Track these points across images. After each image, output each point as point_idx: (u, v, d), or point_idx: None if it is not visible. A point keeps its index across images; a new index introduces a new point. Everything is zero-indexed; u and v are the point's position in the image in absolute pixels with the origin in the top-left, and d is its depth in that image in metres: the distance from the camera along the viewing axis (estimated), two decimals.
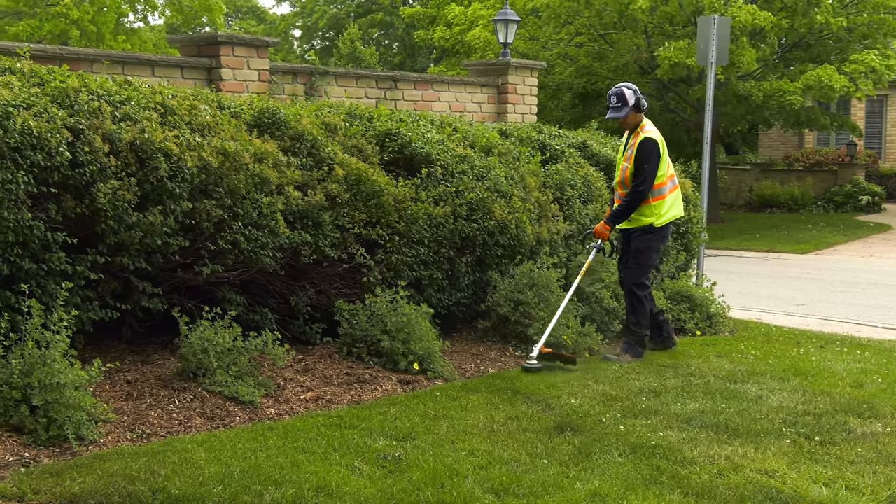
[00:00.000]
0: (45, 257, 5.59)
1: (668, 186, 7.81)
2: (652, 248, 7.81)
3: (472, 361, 7.38)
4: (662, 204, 7.76)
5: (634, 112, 7.69)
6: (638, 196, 7.65)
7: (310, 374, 6.53)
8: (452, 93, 12.72)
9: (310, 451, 4.89)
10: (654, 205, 7.73)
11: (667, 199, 7.79)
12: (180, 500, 4.17)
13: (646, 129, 7.72)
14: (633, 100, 7.63)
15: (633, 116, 7.71)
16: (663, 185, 7.75)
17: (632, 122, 7.76)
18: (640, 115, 7.74)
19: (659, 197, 7.74)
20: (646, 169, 7.59)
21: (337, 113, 8.09)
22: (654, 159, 7.61)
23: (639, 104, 7.64)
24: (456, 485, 4.50)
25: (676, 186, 7.94)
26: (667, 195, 7.79)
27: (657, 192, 7.71)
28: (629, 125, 7.81)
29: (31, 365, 4.96)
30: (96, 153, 5.66)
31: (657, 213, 7.73)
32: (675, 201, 7.90)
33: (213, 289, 6.66)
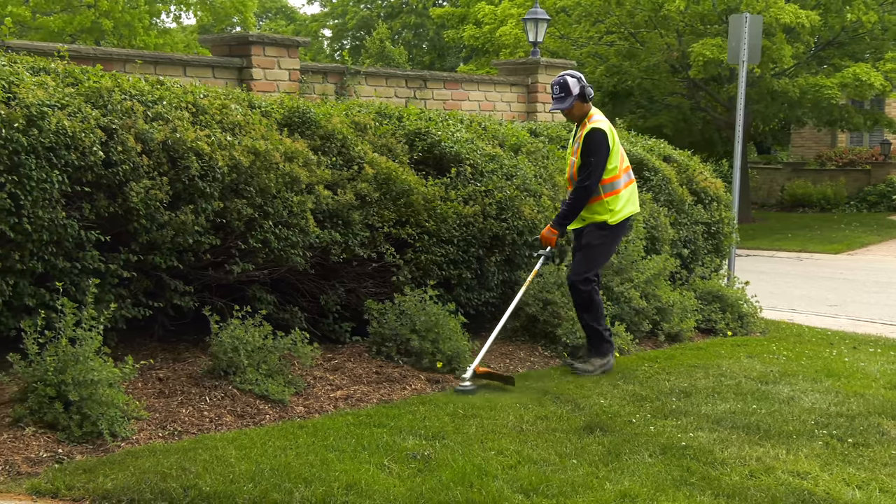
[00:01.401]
0: (79, 256, 5.65)
1: (623, 180, 7.18)
2: (604, 245, 7.19)
3: (501, 361, 7.37)
4: (617, 199, 7.11)
5: (580, 102, 7.09)
6: (584, 192, 7.00)
7: (339, 372, 6.56)
8: (482, 92, 12.71)
9: (339, 450, 4.91)
10: (607, 201, 7.08)
11: (621, 194, 7.14)
12: (211, 498, 4.20)
13: (593, 119, 7.08)
14: (578, 89, 7.04)
15: (578, 107, 7.10)
16: (615, 178, 7.11)
17: (577, 113, 7.15)
18: (587, 105, 7.13)
19: (612, 192, 7.08)
20: (591, 162, 6.94)
21: (367, 112, 8.11)
22: (603, 151, 6.96)
23: (584, 93, 7.05)
24: (485, 484, 4.50)
25: (632, 180, 7.32)
26: (621, 190, 7.14)
27: (610, 186, 7.07)
28: (575, 116, 7.19)
29: (64, 362, 5.01)
30: (129, 153, 5.72)
31: (611, 209, 7.10)
32: (630, 196, 7.25)
33: (244, 287, 6.70)
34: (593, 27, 23.57)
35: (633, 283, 8.61)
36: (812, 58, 23.22)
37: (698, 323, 9.26)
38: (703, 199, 10.55)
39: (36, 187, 5.31)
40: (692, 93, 24.32)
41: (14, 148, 5.21)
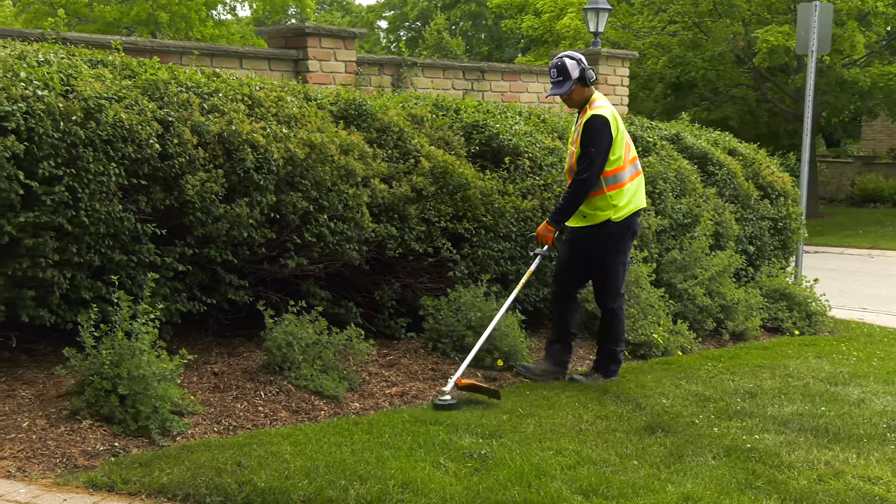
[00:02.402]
0: (135, 249, 5.74)
1: (628, 172, 6.60)
2: (617, 253, 6.63)
3: None
4: (621, 194, 6.53)
5: (580, 86, 6.54)
6: (582, 185, 6.44)
7: (394, 368, 6.58)
8: (541, 83, 12.64)
9: (395, 447, 4.93)
10: (611, 195, 6.50)
11: (626, 187, 6.56)
12: (266, 494, 4.24)
13: (595, 104, 6.53)
14: (577, 72, 6.50)
15: (578, 91, 6.56)
16: (620, 170, 6.53)
17: (578, 99, 6.60)
18: (589, 90, 6.59)
19: (616, 185, 6.52)
20: (591, 152, 6.39)
21: (423, 104, 8.12)
22: (604, 140, 6.40)
23: (584, 77, 6.51)
24: (543, 484, 4.49)
25: (639, 173, 6.75)
26: (626, 183, 6.56)
27: (613, 179, 6.50)
28: (575, 102, 6.63)
29: (120, 356, 5.10)
30: (185, 145, 5.79)
31: (614, 204, 6.52)
32: (637, 190, 6.68)
33: (298, 282, 6.75)
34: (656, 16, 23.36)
35: (696, 279, 8.53)
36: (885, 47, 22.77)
37: (764, 322, 9.15)
38: (769, 194, 10.41)
39: (93, 180, 5.40)
40: (758, 84, 24.00)
41: (72, 141, 5.30)
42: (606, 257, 6.61)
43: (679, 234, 9.06)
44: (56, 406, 5.18)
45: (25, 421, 4.98)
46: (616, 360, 6.81)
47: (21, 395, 5.31)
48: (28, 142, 5.14)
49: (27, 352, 5.98)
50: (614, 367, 6.81)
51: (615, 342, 6.79)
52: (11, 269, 5.28)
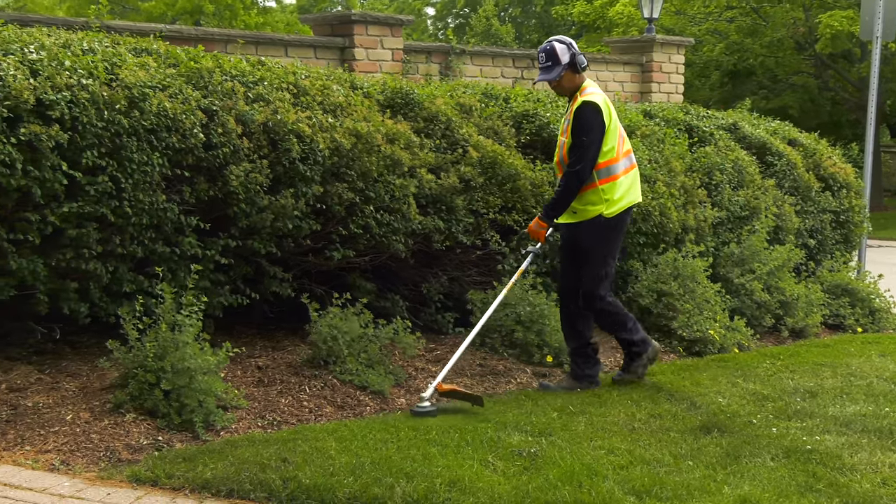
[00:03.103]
0: (178, 240, 5.79)
1: (622, 164, 6.31)
2: (604, 247, 6.32)
3: (612, 355, 7.30)
4: (614, 187, 6.24)
5: (570, 72, 6.23)
6: (574, 178, 6.15)
7: (441, 364, 6.57)
8: (593, 71, 12.56)
9: (442, 444, 4.92)
10: (604, 188, 6.21)
11: (619, 181, 6.27)
12: (311, 490, 4.25)
13: (586, 91, 6.23)
14: (568, 57, 6.20)
15: (568, 78, 6.25)
16: (613, 162, 6.23)
17: (568, 86, 6.29)
18: (580, 77, 6.27)
19: (608, 178, 6.21)
20: (583, 142, 6.10)
21: (472, 93, 8.11)
22: (597, 130, 6.11)
23: (575, 62, 6.20)
24: (595, 484, 4.46)
25: (633, 166, 6.44)
26: (619, 176, 6.27)
27: (606, 171, 6.20)
28: (565, 89, 6.32)
29: (164, 348, 5.14)
30: (229, 135, 5.82)
31: (607, 198, 6.22)
32: (631, 184, 6.39)
33: (344, 274, 6.77)
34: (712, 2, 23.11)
35: (754, 274, 8.44)
36: None
37: (825, 318, 9.04)
38: (831, 186, 10.27)
39: (137, 170, 5.46)
40: (820, 72, 23.67)
41: (116, 130, 5.36)
42: (591, 252, 6.30)
43: (736, 227, 8.98)
44: (100, 399, 5.24)
45: (69, 414, 5.05)
46: (634, 342, 6.47)
47: (65, 388, 5.38)
48: (72, 131, 5.20)
49: (71, 344, 6.06)
50: (637, 348, 6.47)
51: (623, 328, 6.47)
52: (55, 259, 5.35)
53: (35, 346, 5.90)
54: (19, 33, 5.67)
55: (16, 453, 4.59)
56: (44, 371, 5.62)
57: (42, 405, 5.12)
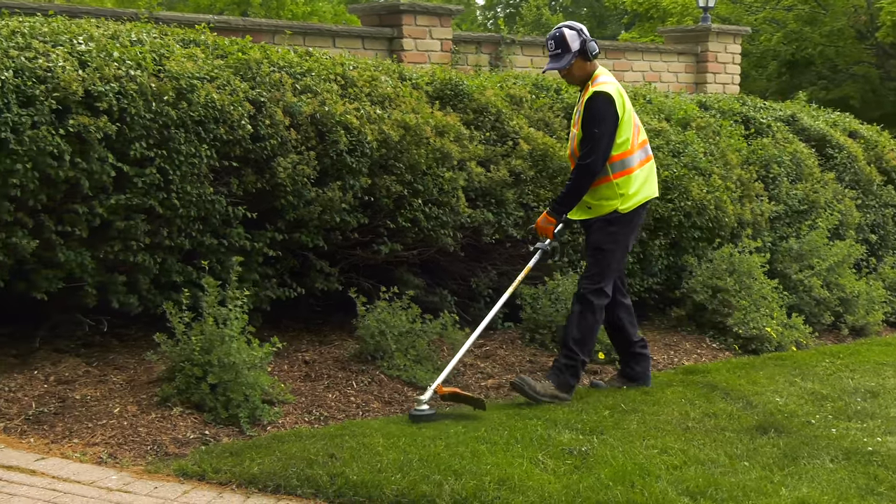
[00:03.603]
0: (225, 233, 5.83)
1: (637, 157, 6.05)
2: (617, 244, 6.04)
3: (665, 352, 7.25)
4: (629, 181, 5.99)
5: (581, 60, 5.98)
6: (586, 172, 5.89)
7: (490, 360, 6.57)
8: (646, 61, 12.49)
9: (491, 442, 4.91)
10: (618, 183, 5.96)
11: (635, 174, 6.01)
12: (358, 487, 4.27)
13: (598, 80, 5.98)
14: (578, 44, 5.93)
15: (579, 66, 6.00)
16: (628, 154, 5.99)
17: (579, 74, 6.04)
18: (591, 65, 6.02)
19: (623, 172, 5.96)
20: (595, 134, 5.85)
21: (522, 84, 8.09)
22: (609, 120, 5.86)
23: (586, 49, 5.94)
24: (647, 485, 4.43)
25: (649, 158, 6.19)
26: (634, 169, 6.01)
27: (620, 164, 5.95)
28: (575, 78, 6.07)
29: (210, 342, 5.19)
30: (277, 126, 5.86)
31: (622, 193, 5.97)
32: (647, 177, 6.13)
33: (391, 268, 6.79)
34: None
35: (813, 270, 8.34)
36: None
37: (887, 316, 8.92)
38: (893, 179, 10.12)
39: (185, 162, 5.51)
40: (882, 61, 23.30)
41: (164, 122, 5.41)
42: (604, 249, 6.03)
43: (794, 221, 8.87)
44: (147, 392, 5.30)
45: (117, 407, 5.11)
46: (575, 373, 5.94)
47: (112, 381, 5.45)
48: (120, 122, 5.27)
49: (118, 336, 6.14)
50: (573, 381, 5.93)
51: (580, 345, 5.94)
52: (103, 252, 5.42)
53: (83, 339, 5.99)
54: (68, 24, 5.75)
55: (64, 446, 4.66)
56: (91, 364, 5.69)
57: (90, 398, 5.19)
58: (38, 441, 4.69)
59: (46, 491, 4.09)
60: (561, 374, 5.88)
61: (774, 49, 23.17)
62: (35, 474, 4.27)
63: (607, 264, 6.01)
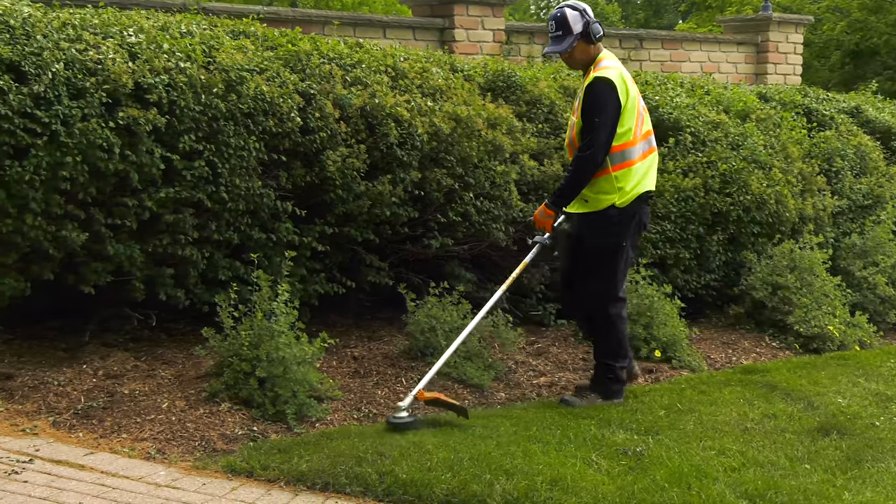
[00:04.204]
0: (274, 227, 5.87)
1: (640, 149, 5.72)
2: (617, 240, 5.71)
3: (723, 351, 7.18)
4: (629, 174, 5.65)
5: (583, 43, 5.66)
6: (586, 163, 5.59)
7: (542, 357, 6.55)
8: (704, 52, 12.38)
9: (543, 441, 4.89)
10: (616, 176, 5.63)
11: (635, 167, 5.68)
12: (407, 486, 4.27)
13: (601, 65, 5.66)
14: (580, 25, 5.63)
15: (581, 49, 5.68)
16: (629, 145, 5.65)
17: (581, 58, 5.73)
18: (595, 48, 5.71)
19: (624, 164, 5.64)
20: (595, 124, 5.54)
21: (577, 75, 8.02)
22: (611, 109, 5.54)
23: (589, 32, 5.63)
24: (704, 487, 4.38)
25: (653, 149, 5.86)
26: (635, 162, 5.68)
27: (621, 156, 5.62)
28: (577, 62, 5.77)
29: (259, 337, 5.22)
30: (327, 119, 5.87)
31: (620, 186, 5.64)
32: (648, 170, 5.79)
33: (442, 263, 6.78)
34: None
35: (878, 267, 8.21)
36: None
37: None
38: None
39: (234, 155, 5.54)
40: None
41: (213, 114, 5.45)
42: (605, 250, 5.75)
43: (858, 216, 8.74)
44: (195, 387, 5.35)
45: (165, 402, 5.16)
46: (618, 379, 5.84)
47: (161, 376, 5.51)
48: (169, 115, 5.31)
49: (167, 331, 6.20)
50: (616, 386, 5.84)
51: (613, 356, 5.82)
52: (151, 245, 5.48)
53: (131, 333, 6.06)
54: (118, 16, 5.81)
55: (112, 441, 4.72)
56: (140, 358, 5.76)
57: (138, 393, 5.25)
58: (86, 435, 4.76)
59: (95, 486, 4.14)
60: (604, 386, 5.81)
61: (837, 39, 22.84)
62: (84, 469, 4.33)
63: (613, 267, 5.75)
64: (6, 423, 4.80)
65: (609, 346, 5.83)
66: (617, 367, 5.81)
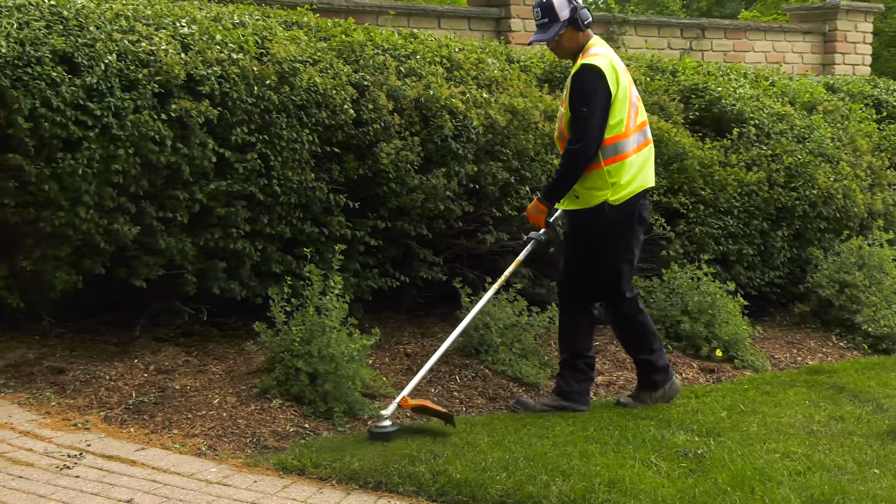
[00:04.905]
0: (326, 220, 5.88)
1: (633, 141, 5.43)
2: (614, 239, 5.46)
3: (787, 350, 7.10)
4: (622, 168, 5.36)
5: (571, 30, 5.40)
6: (576, 157, 5.32)
7: (601, 356, 6.50)
8: (769, 41, 12.23)
9: (601, 442, 4.86)
10: (609, 170, 5.34)
11: (629, 160, 5.39)
12: (461, 486, 4.26)
13: (590, 52, 5.39)
14: (567, 12, 5.38)
15: (569, 37, 5.42)
16: (622, 138, 5.36)
17: (569, 46, 5.47)
18: (584, 35, 5.44)
19: (616, 157, 5.35)
20: (583, 114, 5.27)
21: (636, 66, 8.01)
22: (599, 97, 5.26)
23: (576, 18, 5.39)
24: (769, 491, 4.33)
25: (648, 142, 5.57)
26: (629, 155, 5.40)
27: (613, 149, 5.34)
28: (565, 51, 5.53)
29: (311, 333, 5.23)
30: (380, 111, 5.88)
31: (613, 181, 5.35)
32: (643, 164, 5.50)
33: (496, 258, 6.76)
34: None
35: None
36: None
37: None
38: None
39: (286, 147, 5.57)
40: None
41: (265, 106, 5.48)
42: (605, 252, 5.51)
43: None
44: (246, 383, 5.39)
45: (216, 398, 5.20)
46: (657, 369, 5.70)
47: (212, 371, 5.55)
48: (221, 107, 5.35)
49: (218, 326, 6.25)
50: (657, 376, 5.69)
51: (648, 350, 5.68)
52: (203, 239, 5.53)
53: (182, 328, 6.11)
54: (171, 7, 5.87)
55: (163, 436, 4.76)
56: (191, 353, 5.81)
57: (189, 388, 5.30)
58: (138, 431, 4.81)
59: (146, 482, 4.19)
60: (651, 382, 5.69)
61: None
62: (135, 465, 4.38)
63: (616, 268, 5.52)
64: (58, 417, 4.87)
65: (638, 342, 5.71)
66: (651, 358, 5.68)
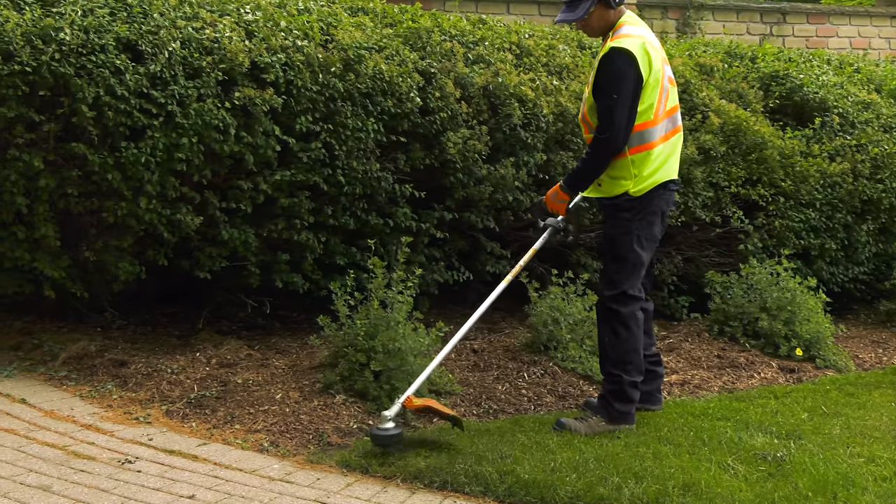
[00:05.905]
0: (392, 212, 5.89)
1: (661, 129, 5.11)
2: (631, 234, 5.11)
3: (873, 350, 6.98)
4: (647, 158, 5.05)
5: (601, 8, 5.04)
6: (604, 146, 5.02)
7: (675, 353, 6.44)
8: (854, 26, 12.01)
9: (675, 443, 4.82)
10: (634, 159, 5.04)
11: (655, 150, 5.07)
12: (529, 486, 4.24)
13: (621, 31, 5.04)
14: None
15: (599, 16, 5.07)
16: (650, 125, 5.04)
17: (599, 25, 5.12)
18: (616, 12, 5.08)
19: (642, 147, 5.04)
20: (614, 101, 4.95)
21: (713, 52, 7.95)
22: (629, 85, 4.93)
23: None
24: (852, 497, 4.25)
25: (677, 129, 5.24)
26: (656, 144, 5.07)
27: (639, 137, 5.03)
28: (595, 30, 5.17)
29: (375, 327, 5.24)
30: (447, 99, 5.87)
31: (636, 172, 5.06)
32: (670, 155, 5.18)
33: (565, 251, 6.73)
34: None
35: None
36: None
37: None
38: None
39: (351, 136, 5.58)
40: None
41: (330, 94, 5.50)
42: (616, 241, 5.18)
43: None
44: (309, 378, 5.41)
45: (279, 393, 5.24)
46: (623, 397, 5.11)
47: (274, 366, 5.59)
48: (286, 95, 5.38)
49: (281, 319, 6.29)
50: (624, 407, 5.11)
51: (620, 365, 5.12)
52: (266, 230, 5.56)
53: (245, 321, 6.17)
54: None
55: (225, 432, 4.80)
56: (253, 347, 5.86)
57: (252, 383, 5.34)
58: (199, 426, 4.86)
59: (208, 478, 4.22)
60: (609, 406, 5.11)
61: None
62: (197, 460, 4.42)
63: (624, 260, 5.13)
64: (120, 410, 4.94)
65: (616, 355, 5.15)
66: (626, 379, 5.11)
